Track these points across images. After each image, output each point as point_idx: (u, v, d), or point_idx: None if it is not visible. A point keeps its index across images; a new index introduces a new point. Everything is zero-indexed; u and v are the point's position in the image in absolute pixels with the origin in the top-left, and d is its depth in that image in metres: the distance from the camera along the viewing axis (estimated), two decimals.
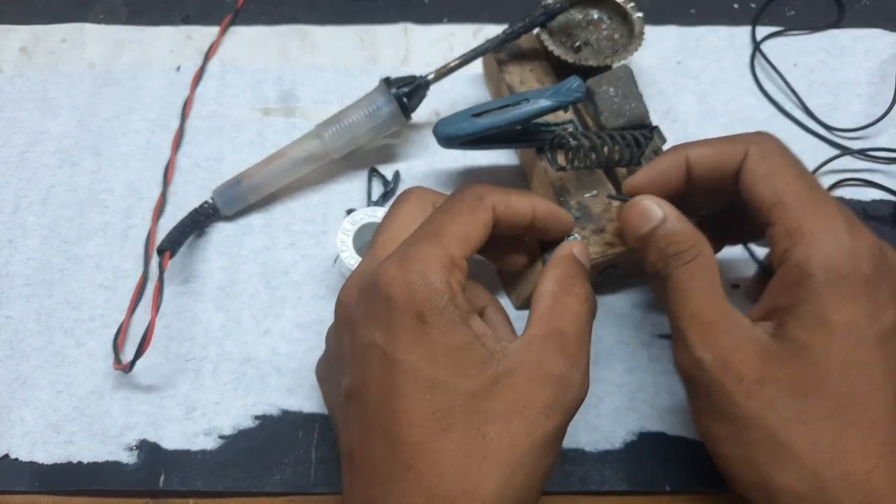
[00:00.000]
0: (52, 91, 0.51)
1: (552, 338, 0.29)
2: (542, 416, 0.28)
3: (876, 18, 0.56)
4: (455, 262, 0.29)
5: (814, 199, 0.29)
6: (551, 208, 0.34)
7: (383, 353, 0.28)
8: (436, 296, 0.28)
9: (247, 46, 0.54)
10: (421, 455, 0.27)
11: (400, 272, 0.28)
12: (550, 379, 0.28)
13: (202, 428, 0.39)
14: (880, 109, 0.51)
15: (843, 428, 0.27)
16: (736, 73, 0.53)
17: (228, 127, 0.50)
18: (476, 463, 0.27)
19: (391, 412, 0.27)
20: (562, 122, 0.44)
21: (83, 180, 0.47)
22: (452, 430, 0.27)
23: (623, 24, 0.49)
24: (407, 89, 0.45)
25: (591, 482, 0.38)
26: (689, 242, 0.31)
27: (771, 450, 0.27)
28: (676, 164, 0.33)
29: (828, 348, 0.27)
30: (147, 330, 0.38)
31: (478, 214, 0.31)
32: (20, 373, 0.41)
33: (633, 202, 0.33)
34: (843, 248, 0.28)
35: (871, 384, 0.27)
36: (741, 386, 0.28)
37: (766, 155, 0.31)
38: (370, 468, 0.28)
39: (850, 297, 0.27)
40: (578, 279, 0.32)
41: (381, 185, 0.48)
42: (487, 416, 0.27)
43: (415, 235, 0.30)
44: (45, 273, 0.44)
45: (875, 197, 0.48)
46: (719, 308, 0.30)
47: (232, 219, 0.46)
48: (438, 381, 0.27)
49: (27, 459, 0.38)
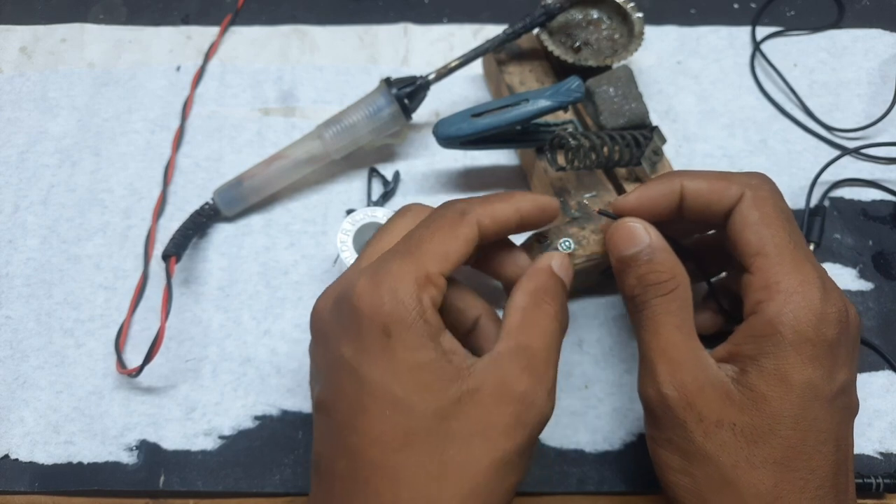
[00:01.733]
0: (51, 91, 0.51)
1: (518, 354, 0.29)
2: (503, 435, 0.28)
3: (876, 18, 0.56)
4: (430, 279, 0.29)
5: (795, 258, 0.30)
6: (535, 202, 0.33)
7: (351, 368, 0.28)
8: (404, 311, 0.28)
9: (247, 46, 0.54)
10: (380, 473, 0.27)
11: (371, 286, 0.28)
12: (513, 398, 0.28)
13: (202, 428, 0.39)
14: (880, 109, 0.51)
15: (784, 473, 0.28)
16: (736, 73, 0.53)
17: (228, 127, 0.50)
18: (435, 483, 0.27)
19: (354, 428, 0.28)
20: (562, 122, 0.44)
21: (83, 180, 0.47)
22: (412, 449, 0.27)
23: (623, 24, 0.49)
24: (408, 90, 0.45)
25: (590, 482, 0.38)
26: (670, 274, 0.32)
27: (718, 486, 0.29)
28: (670, 192, 0.33)
29: (784, 403, 0.29)
30: (157, 336, 0.38)
31: (459, 230, 0.31)
32: (20, 373, 0.41)
33: (621, 223, 0.33)
34: (813, 312, 0.29)
35: (817, 437, 0.29)
36: (700, 426, 0.29)
37: (760, 202, 0.31)
38: (331, 481, 0.29)
39: (812, 359, 0.29)
40: (551, 294, 0.31)
41: (381, 185, 0.48)
42: (448, 436, 0.27)
43: (392, 250, 0.30)
44: (44, 273, 0.44)
45: (875, 197, 0.48)
46: (689, 346, 0.31)
47: (232, 219, 0.46)
48: (401, 399, 0.27)
49: (27, 460, 0.38)
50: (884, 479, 0.38)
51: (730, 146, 0.50)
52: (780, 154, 0.50)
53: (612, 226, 0.34)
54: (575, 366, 0.41)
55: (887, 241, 0.47)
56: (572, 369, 0.41)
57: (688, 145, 0.50)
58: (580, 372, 0.41)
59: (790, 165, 0.49)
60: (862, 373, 0.41)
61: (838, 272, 0.45)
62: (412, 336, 0.28)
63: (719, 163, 0.49)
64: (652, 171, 0.42)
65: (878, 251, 0.46)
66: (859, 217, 0.47)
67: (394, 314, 0.28)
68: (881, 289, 0.45)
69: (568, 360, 0.41)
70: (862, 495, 0.38)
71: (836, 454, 0.29)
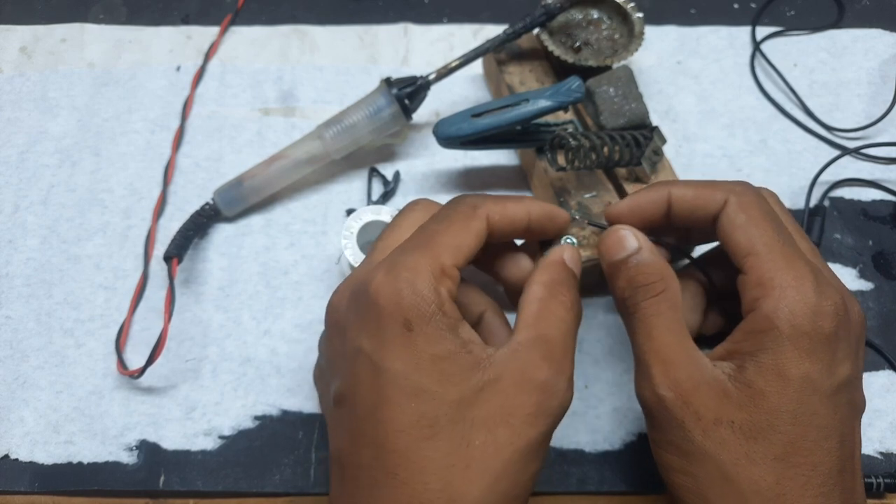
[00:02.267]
0: (51, 91, 0.51)
1: (537, 344, 0.30)
2: (525, 423, 0.28)
3: (876, 18, 0.56)
4: (445, 271, 0.29)
5: (786, 255, 0.30)
6: (546, 209, 0.34)
7: (371, 360, 0.28)
8: (423, 304, 0.28)
9: (247, 46, 0.54)
10: (406, 462, 0.27)
11: (389, 279, 0.29)
12: (535, 386, 0.29)
13: (202, 428, 0.39)
14: (880, 109, 0.51)
15: (786, 469, 0.28)
16: (736, 73, 0.53)
17: (228, 127, 0.50)
18: (460, 471, 0.27)
19: (378, 419, 0.28)
20: (562, 122, 0.44)
21: (83, 180, 0.47)
22: (437, 438, 0.27)
23: (623, 24, 0.49)
24: (408, 90, 0.45)
25: (591, 482, 0.38)
26: (659, 276, 0.32)
27: (719, 484, 0.29)
28: (658, 199, 0.34)
29: (782, 398, 0.29)
30: (160, 338, 0.38)
31: (471, 224, 0.31)
32: (20, 373, 0.41)
33: (611, 230, 0.34)
34: (809, 305, 0.29)
35: (819, 432, 0.29)
36: (699, 425, 0.29)
37: (745, 205, 0.32)
38: (356, 474, 0.29)
39: (809, 352, 0.29)
40: (566, 285, 0.32)
41: (381, 185, 0.48)
42: (472, 424, 0.28)
43: (407, 243, 0.31)
44: (44, 273, 0.44)
45: (875, 197, 0.48)
46: (682, 346, 0.31)
47: (232, 219, 0.46)
48: (424, 388, 0.28)
49: (27, 459, 0.38)
50: (884, 478, 0.38)
51: (730, 146, 0.50)
52: (780, 154, 0.50)
53: (603, 233, 0.35)
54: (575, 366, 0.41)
55: (887, 241, 0.47)
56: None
57: (688, 145, 0.50)
58: (580, 372, 0.41)
59: (790, 165, 0.49)
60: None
61: (838, 272, 0.45)
62: (432, 328, 0.28)
63: (719, 163, 0.49)
64: (652, 171, 0.42)
65: (878, 251, 0.46)
66: (859, 217, 0.47)
67: (413, 307, 0.28)
68: (881, 289, 0.45)
69: None
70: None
71: (840, 450, 0.29)
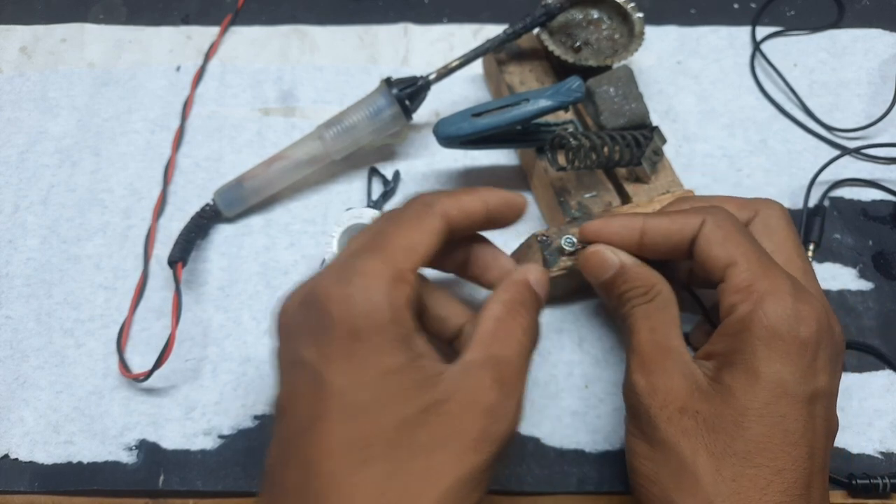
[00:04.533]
0: (51, 91, 0.51)
1: (489, 365, 0.28)
2: (469, 449, 0.26)
3: (876, 18, 0.56)
4: (402, 276, 0.27)
5: (763, 264, 0.31)
6: (502, 197, 0.33)
7: (313, 371, 0.26)
8: (376, 312, 0.26)
9: (247, 46, 0.54)
10: (334, 488, 0.25)
11: (340, 285, 0.27)
12: (482, 409, 0.27)
13: (202, 428, 0.39)
14: (880, 109, 0.51)
15: (746, 468, 0.28)
16: (736, 73, 0.53)
17: (228, 127, 0.50)
18: (392, 501, 0.25)
19: (310, 438, 0.26)
20: (562, 122, 0.44)
21: (83, 180, 0.47)
22: (371, 464, 0.25)
23: (623, 24, 0.49)
24: (408, 90, 0.45)
25: (590, 482, 0.38)
26: (648, 284, 0.33)
27: (677, 472, 0.29)
28: (631, 229, 0.34)
29: (749, 394, 0.29)
30: (167, 343, 0.38)
31: (426, 222, 0.29)
32: (20, 373, 0.41)
33: (591, 251, 0.35)
34: (785, 309, 0.29)
35: (786, 437, 0.28)
36: (664, 412, 0.30)
37: (722, 224, 0.32)
38: (282, 494, 0.26)
39: (782, 354, 0.29)
40: (526, 307, 0.31)
41: (381, 184, 0.48)
42: (411, 449, 0.26)
43: (359, 247, 0.29)
44: (44, 273, 0.44)
45: (875, 197, 0.48)
46: (663, 342, 0.32)
47: (232, 220, 0.46)
48: (364, 408, 0.26)
49: (27, 459, 0.38)
50: (889, 479, 0.38)
51: (730, 146, 0.50)
52: (780, 154, 0.50)
53: (582, 255, 0.35)
54: (575, 365, 0.41)
55: (887, 241, 0.47)
56: (572, 369, 0.41)
57: (688, 145, 0.50)
58: (580, 372, 0.41)
59: (790, 165, 0.49)
60: (862, 372, 0.41)
61: (838, 272, 0.45)
62: (383, 339, 0.26)
63: (719, 163, 0.49)
64: (652, 171, 0.42)
65: (878, 251, 0.46)
66: (859, 217, 0.47)
67: (364, 315, 0.26)
68: (881, 289, 0.45)
69: (568, 360, 0.41)
70: (868, 496, 0.38)
71: (808, 462, 0.28)
